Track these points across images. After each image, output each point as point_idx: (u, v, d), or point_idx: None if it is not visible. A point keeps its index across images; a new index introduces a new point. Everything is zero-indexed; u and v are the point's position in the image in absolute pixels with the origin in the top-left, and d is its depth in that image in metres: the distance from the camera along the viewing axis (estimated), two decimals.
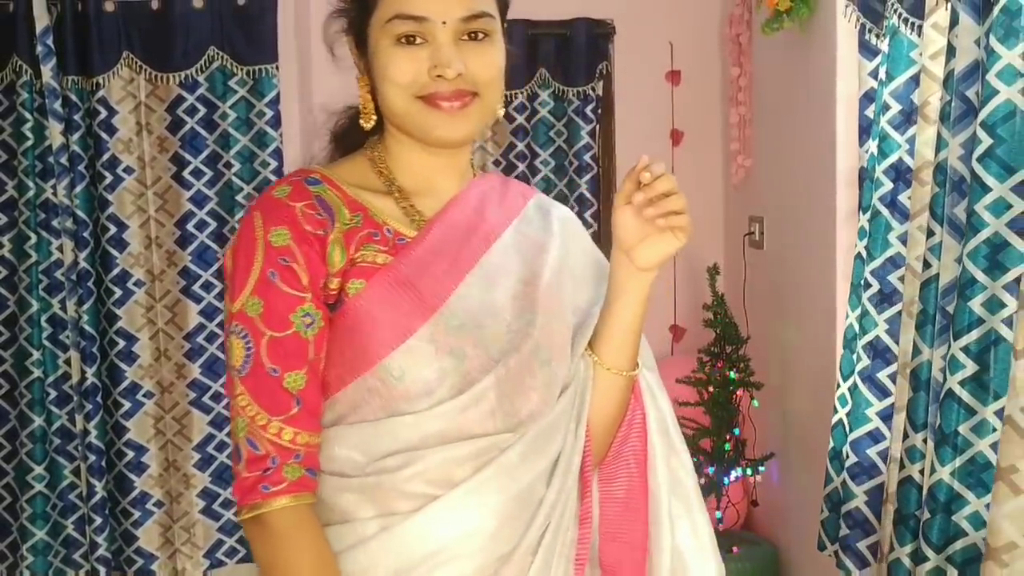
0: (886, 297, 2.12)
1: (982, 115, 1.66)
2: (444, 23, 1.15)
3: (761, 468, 3.06)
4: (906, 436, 1.98)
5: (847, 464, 2.20)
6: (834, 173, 2.59)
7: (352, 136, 1.30)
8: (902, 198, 2.08)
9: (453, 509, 1.15)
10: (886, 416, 2.15)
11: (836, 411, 2.27)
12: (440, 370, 1.15)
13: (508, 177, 1.44)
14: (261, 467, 1.12)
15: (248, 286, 1.13)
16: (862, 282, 2.18)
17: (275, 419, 1.12)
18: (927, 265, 1.89)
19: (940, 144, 1.83)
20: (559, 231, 1.32)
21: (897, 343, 2.10)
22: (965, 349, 1.74)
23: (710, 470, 3.05)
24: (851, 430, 2.20)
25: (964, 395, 1.76)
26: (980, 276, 1.70)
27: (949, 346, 1.79)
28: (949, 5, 1.82)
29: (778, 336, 3.06)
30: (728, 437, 3.06)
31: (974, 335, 1.73)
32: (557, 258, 1.28)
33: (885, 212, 2.10)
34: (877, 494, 2.17)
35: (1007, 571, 1.62)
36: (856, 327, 2.21)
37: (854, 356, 2.21)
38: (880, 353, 2.14)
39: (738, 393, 3.07)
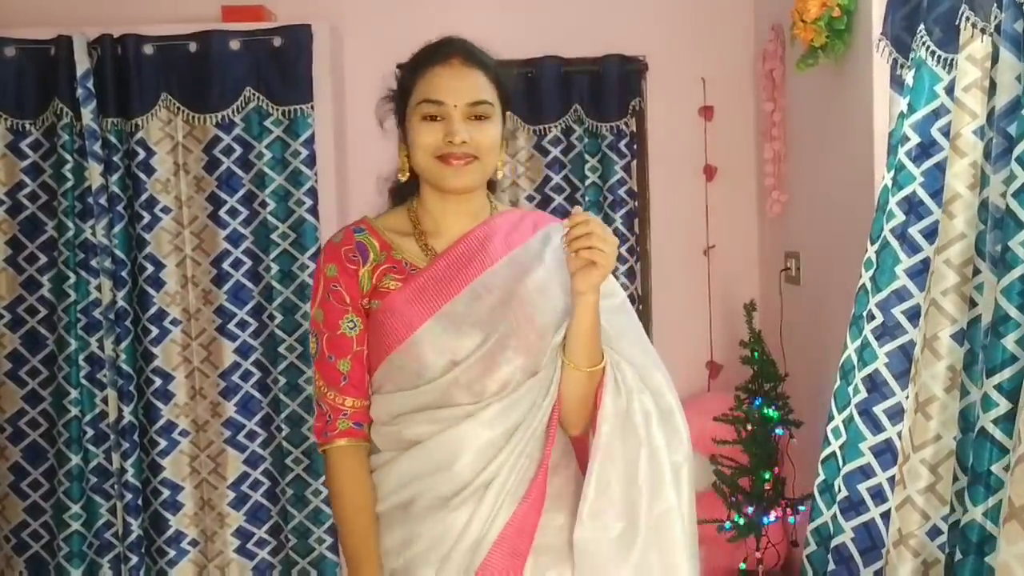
0: (888, 330, 2.09)
1: (1017, 151, 1.63)
2: (455, 106, 1.62)
3: (801, 508, 3.01)
4: (955, 478, 1.93)
5: (838, 498, 2.17)
6: (871, 208, 2.55)
7: (403, 191, 1.77)
8: (912, 231, 2.05)
9: (440, 445, 1.63)
10: (879, 452, 2.12)
11: (829, 443, 2.24)
12: (426, 359, 1.63)
13: (531, 211, 1.97)
14: (323, 420, 1.68)
15: (316, 302, 1.69)
16: (865, 313, 2.15)
17: (331, 389, 1.67)
18: (973, 304, 1.85)
19: (984, 181, 1.79)
20: (549, 258, 1.71)
21: (896, 378, 2.08)
22: (998, 387, 1.70)
23: (749, 509, 3.00)
24: (844, 463, 2.16)
25: (997, 434, 1.72)
26: (1014, 313, 1.66)
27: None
28: (986, 38, 1.79)
29: (816, 373, 3.01)
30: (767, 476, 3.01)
31: (1007, 373, 1.69)
32: (538, 279, 1.68)
33: (895, 244, 2.07)
34: (863, 531, 2.14)
35: None
36: (855, 359, 2.18)
37: (850, 388, 2.18)
38: (878, 387, 2.11)
39: (777, 431, 3.02)
